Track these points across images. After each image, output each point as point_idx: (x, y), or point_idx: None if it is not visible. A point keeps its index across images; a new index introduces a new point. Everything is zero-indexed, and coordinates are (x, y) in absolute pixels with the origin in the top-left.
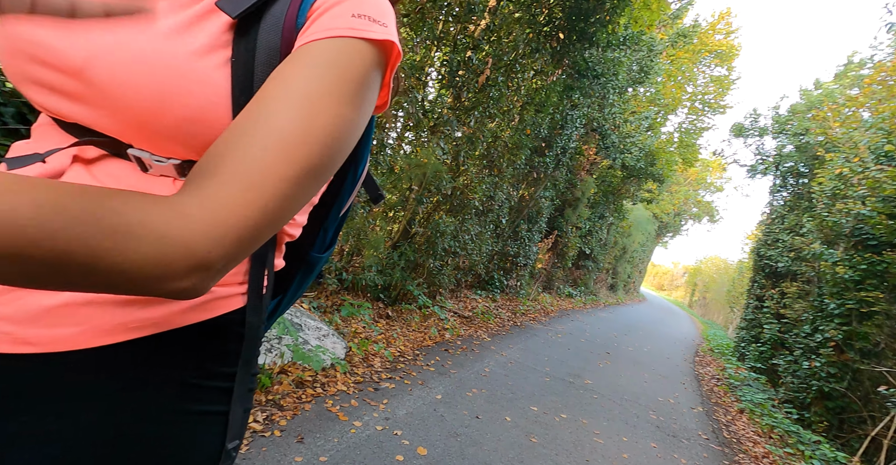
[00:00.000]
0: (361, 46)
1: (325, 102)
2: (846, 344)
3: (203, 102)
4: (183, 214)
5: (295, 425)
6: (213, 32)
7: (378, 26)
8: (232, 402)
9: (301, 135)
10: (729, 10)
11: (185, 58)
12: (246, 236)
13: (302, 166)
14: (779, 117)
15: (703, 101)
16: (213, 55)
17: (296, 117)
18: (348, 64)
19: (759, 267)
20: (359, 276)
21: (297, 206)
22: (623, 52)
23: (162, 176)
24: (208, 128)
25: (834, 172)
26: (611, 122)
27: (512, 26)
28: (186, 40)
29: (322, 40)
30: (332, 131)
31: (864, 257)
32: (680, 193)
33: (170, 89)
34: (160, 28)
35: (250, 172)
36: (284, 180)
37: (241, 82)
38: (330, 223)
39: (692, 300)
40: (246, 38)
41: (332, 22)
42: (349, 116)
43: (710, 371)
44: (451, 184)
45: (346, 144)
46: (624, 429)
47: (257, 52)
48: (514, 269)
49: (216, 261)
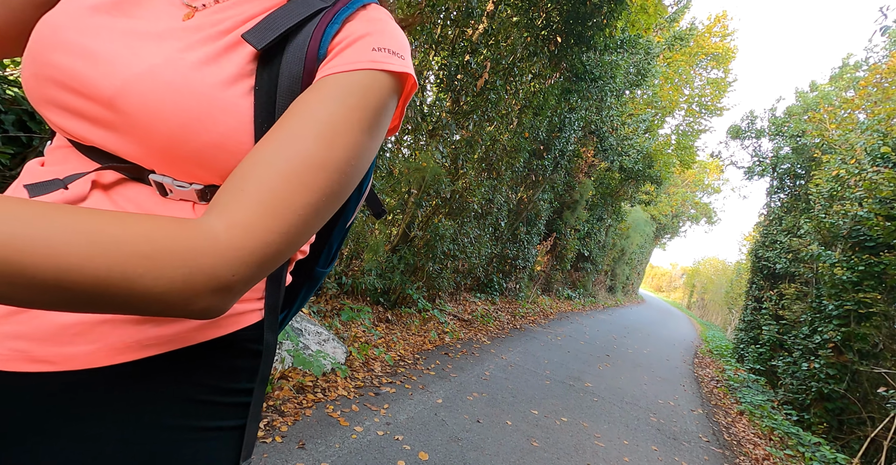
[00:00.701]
0: (381, 77)
1: (345, 131)
2: (845, 345)
3: (228, 129)
4: (209, 238)
5: (296, 430)
6: (240, 63)
7: (396, 59)
8: (248, 418)
9: (321, 163)
10: (725, 13)
11: (213, 87)
12: (267, 259)
13: (321, 193)
14: (775, 119)
15: (700, 103)
16: (238, 85)
17: (318, 145)
18: (368, 94)
19: (758, 268)
20: (358, 280)
21: (315, 229)
22: (620, 55)
23: (182, 200)
24: (231, 154)
25: (831, 173)
26: (608, 124)
27: (510, 30)
28: (214, 71)
29: (345, 73)
30: (349, 158)
31: (861, 259)
32: (678, 195)
33: (197, 117)
34: (190, 58)
35: (273, 198)
36: (305, 206)
37: (264, 110)
38: (334, 239)
39: (691, 302)
40: (269, 67)
41: (354, 55)
42: (366, 144)
43: (709, 373)
44: (449, 187)
45: (362, 170)
46: (625, 432)
47: (280, 82)
48: (513, 271)
49: (238, 283)
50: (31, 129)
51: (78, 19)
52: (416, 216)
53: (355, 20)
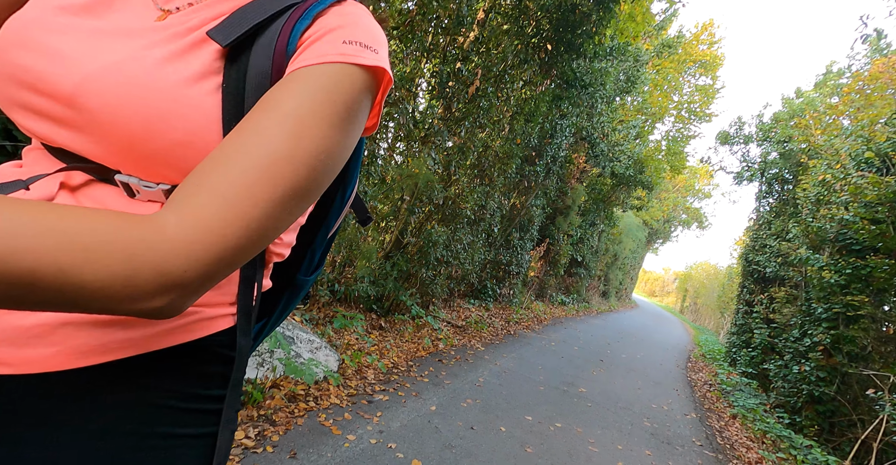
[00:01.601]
0: (351, 71)
1: (312, 124)
2: (834, 348)
3: (194, 126)
4: (159, 231)
5: (287, 440)
6: (206, 60)
7: (369, 52)
8: (220, 425)
9: (287, 155)
10: (712, 22)
11: (177, 84)
12: (225, 255)
13: (287, 187)
14: (763, 125)
15: (690, 109)
16: (205, 82)
17: (282, 138)
18: (338, 88)
19: (748, 272)
20: (351, 287)
21: (282, 226)
22: (610, 62)
23: (149, 201)
24: (198, 152)
25: (817, 178)
26: (599, 130)
27: (500, 38)
28: (179, 67)
29: (313, 66)
30: (318, 153)
31: (848, 262)
32: (669, 200)
33: (161, 114)
34: (154, 55)
35: (232, 191)
36: (268, 200)
37: (232, 107)
38: (317, 246)
39: (683, 306)
40: (237, 64)
41: (323, 48)
42: (337, 139)
43: (702, 377)
44: (442, 194)
45: (333, 166)
46: (619, 437)
47: (248, 78)
48: (506, 277)
49: (192, 280)
50: (17, 138)
51: (44, 18)
52: (409, 223)
53: (328, 15)
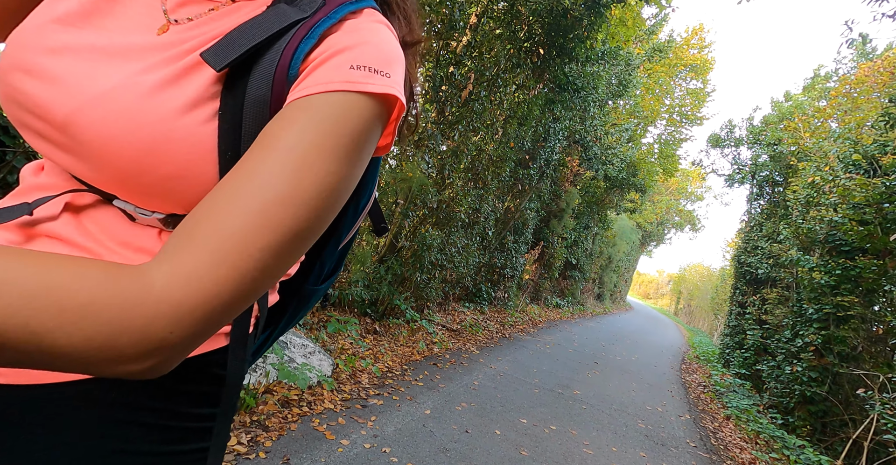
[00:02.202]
0: (358, 101)
1: (314, 161)
2: (825, 348)
3: (186, 160)
4: (145, 291)
5: (281, 445)
6: (201, 85)
7: (379, 78)
8: (211, 443)
9: (285, 198)
10: (702, 26)
11: (170, 115)
12: (216, 313)
13: (287, 232)
14: (753, 128)
15: (681, 113)
16: (199, 110)
17: (280, 178)
18: (343, 119)
19: (741, 274)
20: (345, 291)
21: (281, 272)
22: (602, 66)
23: (149, 226)
24: (191, 185)
25: (807, 180)
26: (592, 134)
27: (493, 42)
28: (172, 95)
29: (315, 95)
30: (321, 191)
31: (838, 263)
32: (662, 203)
33: (153, 147)
34: (147, 82)
35: (225, 243)
36: (264, 250)
37: (228, 138)
38: (327, 256)
39: (677, 308)
40: (234, 90)
41: (327, 74)
42: (342, 174)
43: (696, 378)
44: (436, 197)
45: (338, 202)
46: (613, 439)
47: (245, 106)
48: (501, 280)
49: (178, 342)
50: (5, 143)
51: (41, 35)
52: (403, 227)
53: (338, 32)
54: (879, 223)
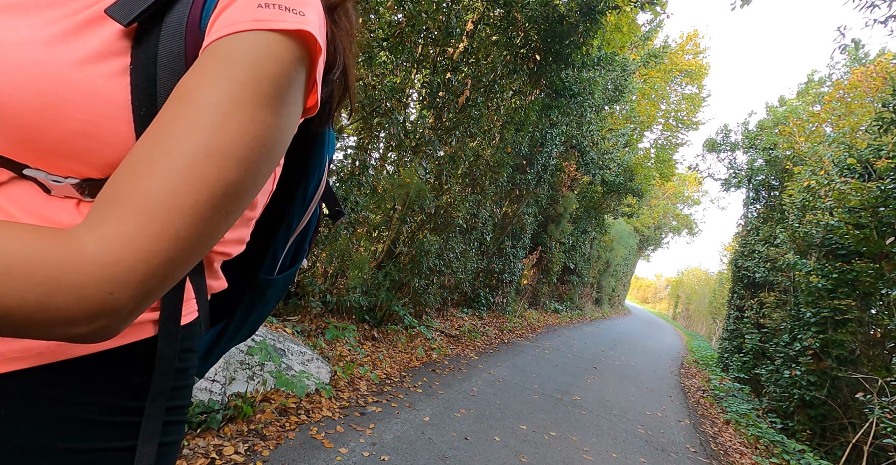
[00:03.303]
0: (271, 40)
1: (233, 110)
2: (824, 352)
3: (93, 115)
4: (76, 252)
5: (278, 455)
6: (106, 38)
7: (290, 15)
8: (140, 439)
9: (209, 150)
10: (696, 32)
11: (70, 66)
12: (156, 272)
13: (215, 187)
14: (748, 133)
15: (677, 118)
16: (105, 63)
17: (201, 131)
18: (256, 62)
19: (738, 278)
20: (343, 297)
21: (220, 229)
22: (598, 72)
23: (66, 197)
24: (104, 144)
25: (802, 184)
26: (589, 139)
27: (490, 49)
28: (72, 47)
29: (224, 38)
30: (247, 142)
31: (835, 267)
32: (659, 207)
33: (53, 101)
34: (42, 35)
35: (153, 201)
36: (196, 205)
37: (142, 93)
38: (279, 244)
39: (676, 312)
40: (145, 44)
41: (235, 15)
42: (267, 122)
43: (695, 383)
44: (434, 203)
45: (270, 154)
46: (613, 445)
47: (159, 60)
48: (499, 286)
49: (122, 303)
50: None
51: None
52: (401, 232)
53: None
54: (875, 227)
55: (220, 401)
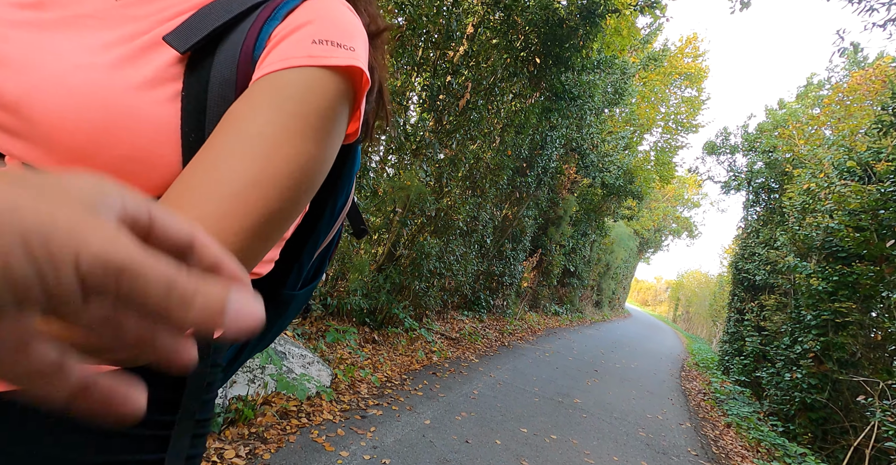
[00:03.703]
0: (322, 75)
1: (282, 141)
2: (824, 355)
3: (144, 140)
4: None
5: (279, 458)
6: (160, 65)
7: (342, 51)
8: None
9: (255, 180)
10: (696, 35)
11: (126, 93)
12: None
13: (259, 214)
14: (748, 136)
15: (676, 120)
16: (159, 89)
17: (249, 161)
18: (308, 96)
19: (738, 280)
20: (344, 300)
21: (259, 255)
22: (598, 75)
23: None
24: (150, 167)
25: (802, 187)
26: (589, 142)
27: (490, 52)
28: (129, 73)
29: (277, 72)
30: (291, 171)
31: (835, 269)
32: (659, 210)
33: (107, 126)
34: (99, 60)
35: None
36: (240, 232)
37: (192, 119)
38: (305, 259)
39: (676, 315)
40: (198, 71)
41: (289, 50)
42: (312, 154)
43: (696, 386)
44: (434, 205)
45: (311, 183)
46: (614, 448)
47: (210, 87)
48: (500, 288)
49: None
50: None
51: None
52: (402, 235)
53: (299, 9)
54: (875, 230)
55: (221, 404)
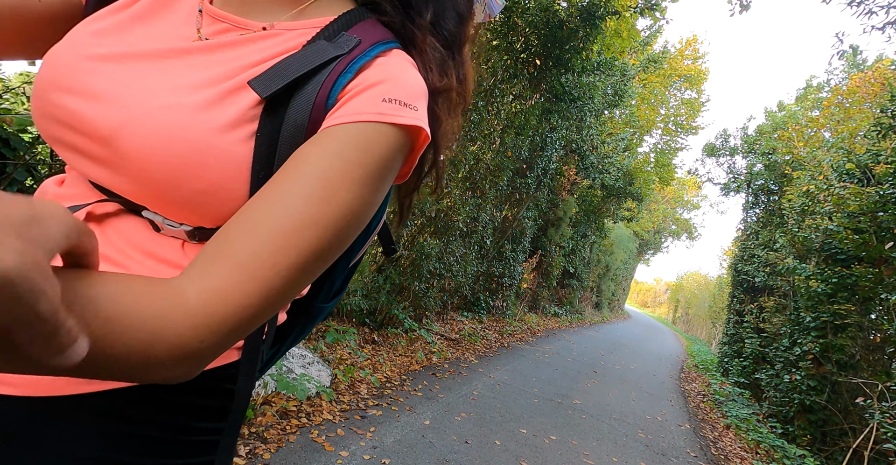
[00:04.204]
0: (387, 130)
1: (342, 187)
2: (823, 357)
3: (221, 177)
4: (180, 304)
5: (279, 458)
6: (243, 107)
7: (407, 111)
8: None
9: (313, 220)
10: (695, 37)
11: (210, 133)
12: (242, 325)
13: (311, 252)
14: (747, 137)
15: (676, 122)
16: (238, 130)
17: (309, 201)
18: (371, 148)
19: (738, 282)
20: (343, 301)
21: (302, 287)
22: (597, 76)
23: (173, 237)
24: (222, 200)
25: (801, 189)
26: (589, 143)
27: (490, 53)
28: (214, 115)
29: (348, 124)
30: (346, 215)
31: (834, 271)
32: (658, 212)
33: (191, 163)
34: (189, 102)
35: (254, 260)
36: (290, 268)
37: (263, 158)
38: (338, 276)
39: (675, 317)
40: (274, 116)
41: (361, 106)
42: (365, 199)
43: (695, 387)
44: (434, 206)
45: (359, 226)
46: (613, 449)
47: (283, 130)
48: (499, 289)
49: (208, 351)
50: (5, 155)
51: (80, 53)
52: (402, 235)
53: (371, 68)
54: (874, 232)
55: None
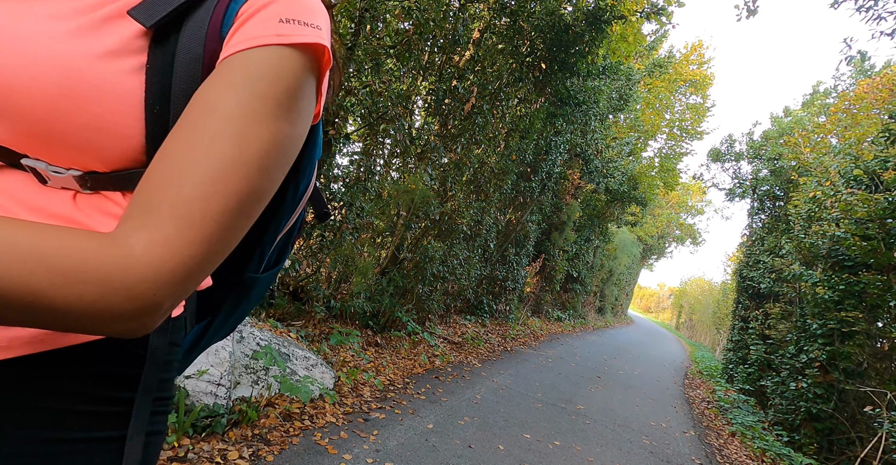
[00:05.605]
0: (290, 54)
1: (256, 121)
2: (830, 364)
3: (105, 109)
4: (128, 256)
5: (282, 460)
6: (125, 36)
7: (309, 29)
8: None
9: (236, 161)
10: (701, 42)
11: (87, 60)
12: (192, 273)
13: (241, 194)
14: (753, 143)
15: (681, 127)
16: (122, 60)
17: (228, 143)
18: (278, 75)
19: (743, 288)
20: (347, 303)
21: (243, 231)
22: (602, 81)
23: (63, 189)
24: (113, 138)
25: (808, 195)
26: (593, 147)
27: (495, 57)
28: (89, 42)
29: (246, 51)
30: (268, 151)
31: (841, 278)
32: (663, 217)
33: (65, 93)
34: (61, 28)
35: (190, 208)
36: (224, 212)
37: (157, 92)
38: (267, 242)
39: (679, 322)
40: (164, 46)
41: (257, 29)
42: (285, 132)
43: (699, 394)
44: (438, 209)
45: (285, 161)
46: (618, 455)
47: (176, 62)
48: (502, 293)
49: (163, 301)
50: None
51: None
52: (406, 238)
53: None
54: (883, 239)
55: (225, 405)
